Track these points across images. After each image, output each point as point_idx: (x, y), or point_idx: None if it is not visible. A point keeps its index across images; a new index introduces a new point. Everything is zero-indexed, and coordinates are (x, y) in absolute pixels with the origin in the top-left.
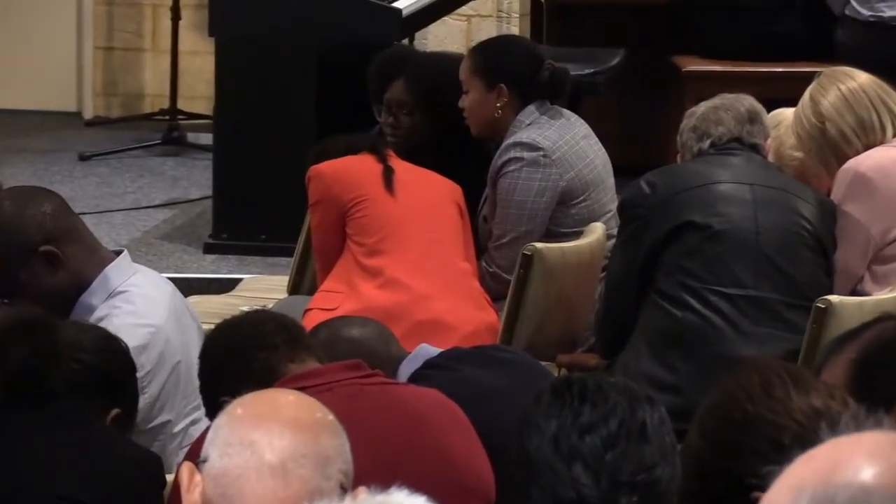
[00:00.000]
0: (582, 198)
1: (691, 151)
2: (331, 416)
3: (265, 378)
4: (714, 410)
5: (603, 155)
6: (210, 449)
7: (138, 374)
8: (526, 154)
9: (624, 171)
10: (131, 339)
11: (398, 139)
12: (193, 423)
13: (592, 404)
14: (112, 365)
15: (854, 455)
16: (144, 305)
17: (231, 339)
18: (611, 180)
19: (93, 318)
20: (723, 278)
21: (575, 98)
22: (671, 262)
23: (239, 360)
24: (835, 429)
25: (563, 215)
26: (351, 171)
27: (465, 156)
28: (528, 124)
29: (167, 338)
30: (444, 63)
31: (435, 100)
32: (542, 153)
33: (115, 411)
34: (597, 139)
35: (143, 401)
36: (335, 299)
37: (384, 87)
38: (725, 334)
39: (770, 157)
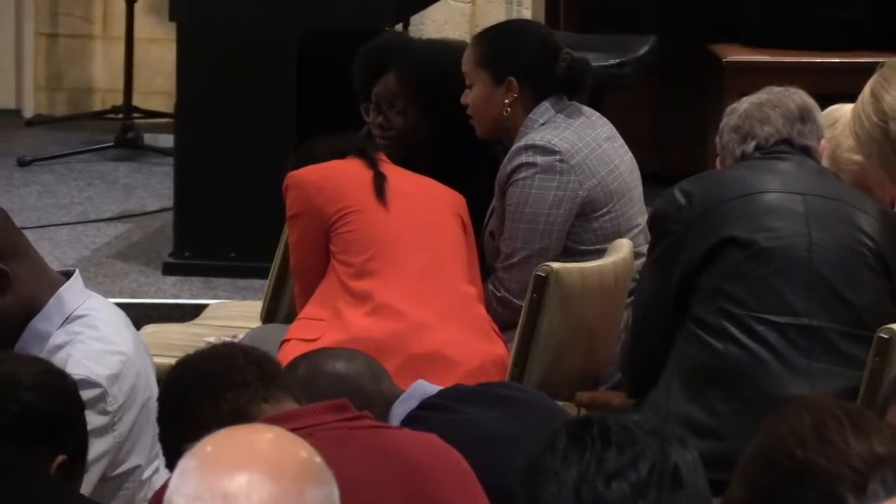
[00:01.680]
0: (605, 210)
1: (733, 155)
2: (317, 458)
3: (235, 422)
4: (759, 457)
5: (629, 160)
6: (176, 499)
7: (109, 408)
8: (540, 159)
9: (654, 178)
10: (102, 367)
11: (390, 141)
12: (156, 472)
13: (618, 447)
14: (56, 405)
15: None
16: (110, 331)
17: (195, 377)
18: (639, 189)
19: (49, 346)
20: (770, 304)
21: (597, 93)
22: (710, 285)
23: (204, 401)
24: None
25: (583, 230)
26: (336, 178)
27: (469, 161)
28: (543, 124)
29: (137, 370)
30: (443, 52)
31: (431, 95)
32: (558, 157)
33: (60, 458)
34: (622, 141)
35: (113, 440)
36: (317, 328)
37: (372, 82)
38: (773, 369)
39: (825, 162)
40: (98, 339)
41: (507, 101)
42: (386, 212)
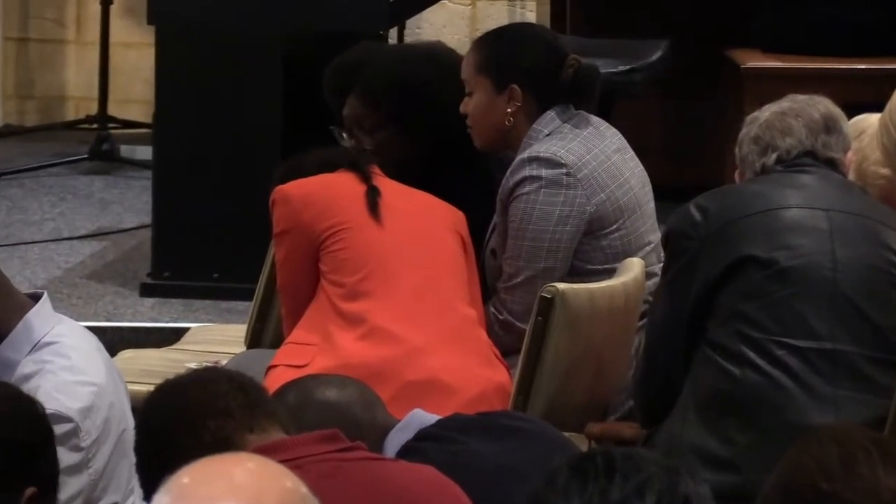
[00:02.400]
0: (615, 227)
1: (752, 168)
2: (303, 489)
3: (218, 452)
4: (780, 490)
5: (641, 173)
6: None
7: (82, 444)
8: (545, 172)
9: (668, 193)
10: (73, 400)
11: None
12: None
13: (623, 476)
14: (26, 433)
15: None
16: (81, 360)
17: (175, 404)
18: (651, 205)
19: (17, 376)
20: (791, 327)
21: (606, 102)
22: (728, 307)
23: (185, 431)
24: None
25: (591, 248)
26: (326, 192)
27: (469, 174)
28: (548, 134)
29: (111, 401)
30: (404, 60)
31: (395, 108)
32: (564, 171)
33: (30, 491)
34: (633, 153)
35: (87, 478)
36: (306, 354)
37: (342, 103)
38: (794, 397)
39: (851, 176)
40: (69, 368)
41: (509, 109)
42: (380, 229)
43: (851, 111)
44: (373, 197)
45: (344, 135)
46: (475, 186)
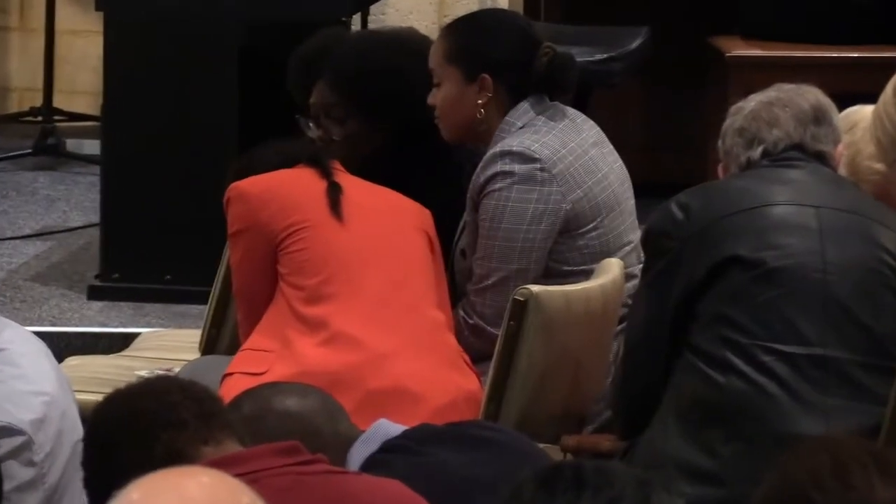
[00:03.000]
0: (592, 225)
1: (737, 162)
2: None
3: (170, 466)
4: (770, 502)
5: (620, 168)
6: None
7: (35, 458)
8: (517, 167)
9: (648, 189)
10: (24, 411)
11: (334, 154)
12: None
13: (594, 490)
14: None
15: None
16: (32, 368)
17: (124, 415)
18: (631, 202)
19: None
20: (779, 332)
21: (583, 93)
22: (711, 310)
23: (135, 443)
24: None
25: (567, 248)
26: (284, 189)
27: (429, 169)
28: (521, 127)
29: (62, 410)
30: (377, 46)
31: (368, 97)
32: (538, 166)
33: None
34: (612, 147)
35: (42, 494)
36: (264, 361)
37: (307, 94)
38: (782, 405)
39: (842, 170)
40: (19, 377)
41: (480, 101)
42: (342, 228)
43: (843, 102)
44: (334, 194)
45: (311, 124)
46: (444, 181)
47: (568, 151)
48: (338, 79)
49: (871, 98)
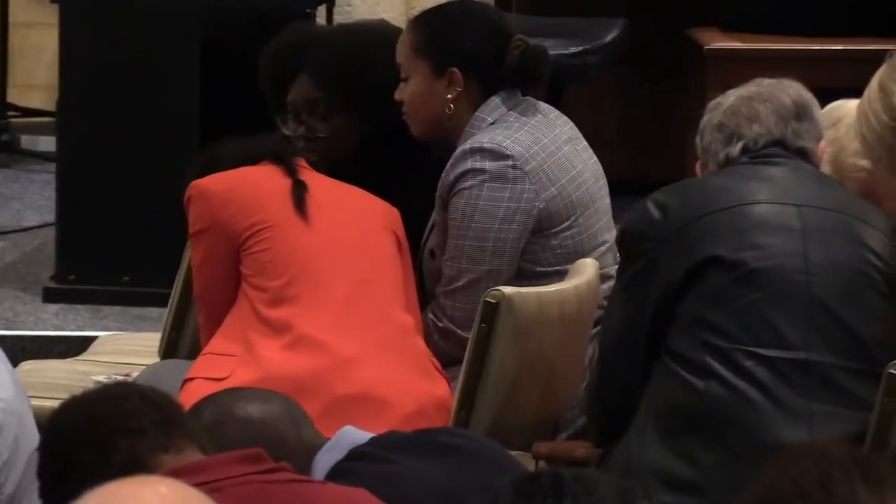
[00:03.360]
0: (566, 224)
1: (716, 159)
2: None
3: (129, 474)
4: None
5: (595, 165)
6: None
7: None
8: (488, 164)
9: (625, 187)
10: None
11: (318, 153)
12: None
13: (573, 498)
14: None
15: None
16: None
17: (81, 422)
18: (606, 200)
19: None
20: (761, 336)
21: (556, 87)
22: (690, 313)
23: (93, 451)
24: None
25: (540, 248)
26: (247, 188)
27: (405, 167)
28: (492, 123)
29: (19, 417)
30: (362, 40)
31: (355, 93)
32: (510, 163)
33: None
34: (586, 144)
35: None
36: (225, 365)
37: (284, 89)
38: (764, 412)
39: (825, 168)
40: None
41: (449, 96)
42: (307, 228)
43: (825, 97)
44: (299, 192)
45: (290, 122)
46: (419, 180)
47: (541, 148)
48: (323, 74)
49: (854, 93)
